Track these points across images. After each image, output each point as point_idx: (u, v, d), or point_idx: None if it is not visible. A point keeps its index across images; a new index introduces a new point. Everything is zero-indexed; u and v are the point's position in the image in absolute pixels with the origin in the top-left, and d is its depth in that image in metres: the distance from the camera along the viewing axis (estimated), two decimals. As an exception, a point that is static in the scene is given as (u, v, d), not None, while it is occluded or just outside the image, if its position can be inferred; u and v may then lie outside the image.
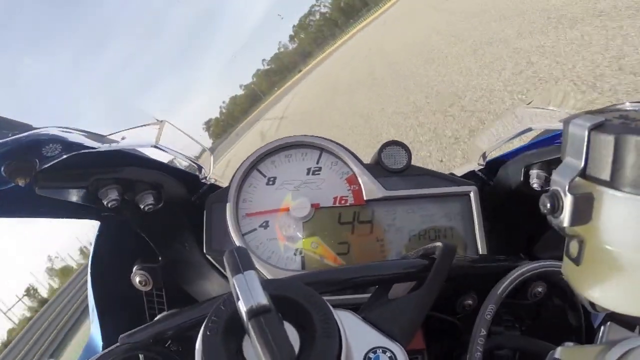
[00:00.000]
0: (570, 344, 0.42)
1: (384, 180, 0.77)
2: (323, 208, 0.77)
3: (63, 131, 0.60)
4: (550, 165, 0.71)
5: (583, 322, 0.65)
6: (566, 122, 0.35)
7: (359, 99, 11.90)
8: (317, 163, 0.79)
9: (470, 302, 0.66)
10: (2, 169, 0.55)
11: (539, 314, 0.68)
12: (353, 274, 0.56)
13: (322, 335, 0.35)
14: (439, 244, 0.55)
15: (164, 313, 0.76)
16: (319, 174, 0.78)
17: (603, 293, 0.35)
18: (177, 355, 0.55)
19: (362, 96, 11.86)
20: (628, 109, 0.35)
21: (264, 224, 0.76)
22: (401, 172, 0.78)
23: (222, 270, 0.77)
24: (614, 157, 0.31)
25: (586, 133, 0.32)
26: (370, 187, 0.76)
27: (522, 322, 0.70)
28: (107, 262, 0.81)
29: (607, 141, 0.31)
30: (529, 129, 0.74)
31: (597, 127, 0.32)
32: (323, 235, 0.76)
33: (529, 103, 0.87)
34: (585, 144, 0.33)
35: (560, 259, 0.58)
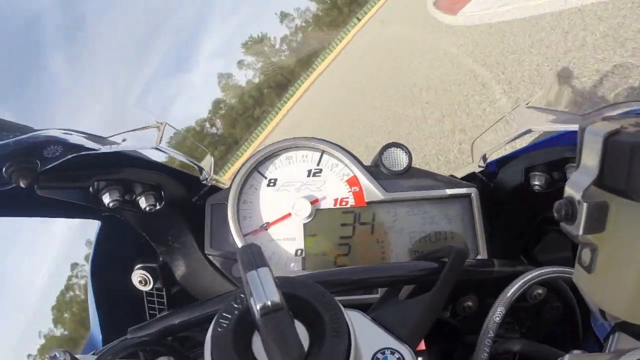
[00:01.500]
0: (578, 351, 0.42)
1: (385, 182, 0.77)
2: (324, 209, 0.76)
3: (64, 133, 0.59)
4: (551, 167, 0.71)
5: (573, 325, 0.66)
6: (581, 128, 0.34)
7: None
8: (318, 165, 0.79)
9: (470, 304, 0.66)
10: (4, 170, 0.54)
11: (539, 316, 0.68)
12: (365, 274, 0.56)
13: (332, 334, 0.35)
14: (450, 247, 0.55)
15: (172, 310, 0.76)
16: (319, 175, 0.78)
17: (614, 302, 0.35)
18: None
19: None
20: None
21: (265, 225, 0.76)
22: (402, 174, 0.78)
23: (223, 270, 0.76)
24: (629, 166, 0.30)
25: (601, 141, 0.32)
26: (371, 189, 0.76)
27: (521, 324, 0.70)
28: (108, 261, 0.80)
29: (622, 150, 0.31)
30: (529, 131, 0.74)
31: (613, 135, 0.32)
32: (324, 236, 0.75)
33: (528, 103, 0.88)
34: (601, 152, 0.32)
35: (560, 262, 0.59)
